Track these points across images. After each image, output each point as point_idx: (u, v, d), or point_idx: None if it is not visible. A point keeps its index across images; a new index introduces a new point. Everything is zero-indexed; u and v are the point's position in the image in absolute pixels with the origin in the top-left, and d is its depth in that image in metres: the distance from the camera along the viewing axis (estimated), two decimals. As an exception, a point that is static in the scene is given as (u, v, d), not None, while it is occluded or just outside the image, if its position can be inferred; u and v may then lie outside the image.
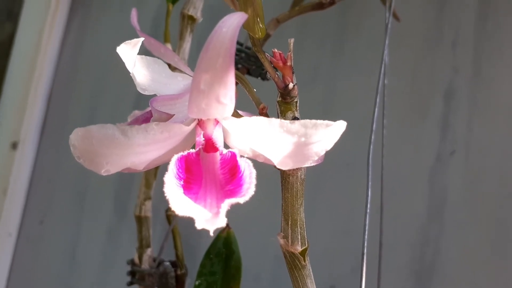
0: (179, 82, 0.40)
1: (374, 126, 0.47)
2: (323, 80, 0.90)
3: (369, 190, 0.45)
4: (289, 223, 0.37)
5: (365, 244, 0.43)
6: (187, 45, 0.52)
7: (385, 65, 0.53)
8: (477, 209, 0.77)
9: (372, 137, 0.47)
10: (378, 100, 0.48)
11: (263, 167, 0.35)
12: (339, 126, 0.31)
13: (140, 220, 0.54)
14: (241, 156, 0.31)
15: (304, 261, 0.37)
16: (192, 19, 0.53)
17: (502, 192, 0.76)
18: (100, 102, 1.10)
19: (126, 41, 0.37)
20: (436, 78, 0.83)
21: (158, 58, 0.41)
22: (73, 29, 1.16)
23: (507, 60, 0.79)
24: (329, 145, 0.32)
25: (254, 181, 0.30)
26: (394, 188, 0.77)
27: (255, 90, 0.41)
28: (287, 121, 0.31)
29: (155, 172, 0.55)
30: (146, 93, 0.38)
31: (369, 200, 0.44)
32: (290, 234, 0.37)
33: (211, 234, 0.28)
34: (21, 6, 1.18)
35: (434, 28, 0.84)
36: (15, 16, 1.20)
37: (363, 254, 0.43)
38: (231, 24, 0.28)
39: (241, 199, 0.29)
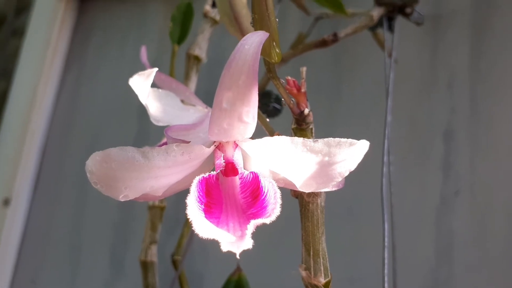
0: (191, 115, 0.40)
1: (385, 158, 0.47)
2: (320, 125, 0.90)
3: (386, 223, 0.44)
4: (311, 253, 0.36)
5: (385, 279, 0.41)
6: (192, 84, 0.52)
7: (389, 99, 0.53)
8: (486, 249, 0.76)
9: (384, 169, 0.46)
10: (386, 132, 0.47)
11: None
12: (363, 145, 0.31)
13: (146, 266, 0.52)
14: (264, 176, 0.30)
15: (328, 293, 0.36)
16: (197, 59, 0.53)
17: (510, 231, 0.75)
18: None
19: (139, 72, 0.36)
20: (435, 119, 0.83)
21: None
22: (68, 83, 1.16)
23: (502, 97, 0.80)
24: (353, 165, 0.31)
25: (279, 201, 0.28)
26: (401, 231, 0.75)
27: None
28: (310, 140, 0.30)
29: (161, 214, 0.53)
30: (160, 124, 0.37)
31: (386, 234, 0.43)
32: (312, 265, 0.36)
33: (237, 257, 0.27)
34: (16, 64, 1.18)
35: (428, 70, 0.86)
36: (9, 74, 1.21)
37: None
38: (253, 41, 0.28)
39: (267, 219, 0.28)
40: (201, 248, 0.84)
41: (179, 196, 0.77)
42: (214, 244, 0.83)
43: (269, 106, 0.53)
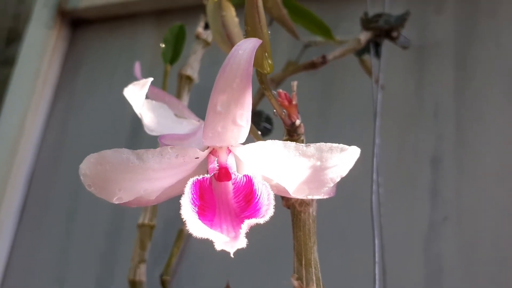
0: (184, 127, 0.40)
1: (374, 176, 0.47)
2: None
3: (376, 239, 0.44)
4: (303, 263, 0.36)
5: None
6: (184, 104, 0.53)
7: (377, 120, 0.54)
8: (475, 275, 0.76)
9: (374, 186, 0.47)
10: (375, 150, 0.48)
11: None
12: (354, 152, 0.31)
13: (134, 285, 0.51)
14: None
15: (320, 303, 0.36)
16: (189, 79, 0.54)
17: (498, 256, 0.75)
18: (81, 187, 1.07)
19: (134, 82, 0.37)
20: (421, 147, 0.85)
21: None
22: (57, 113, 1.16)
23: (488, 125, 0.81)
24: (344, 171, 0.32)
25: (273, 202, 0.29)
26: (390, 257, 0.75)
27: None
28: (303, 145, 0.31)
29: (150, 233, 0.53)
30: (154, 133, 0.38)
31: (377, 250, 0.43)
32: (304, 275, 0.36)
33: (231, 256, 0.27)
34: (5, 93, 1.18)
35: (414, 99, 0.87)
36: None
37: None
38: (247, 47, 0.29)
39: (261, 220, 0.28)
40: (190, 268, 0.83)
41: (168, 220, 0.76)
42: (203, 263, 0.82)
43: (259, 125, 0.54)
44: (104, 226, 1.01)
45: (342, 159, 0.31)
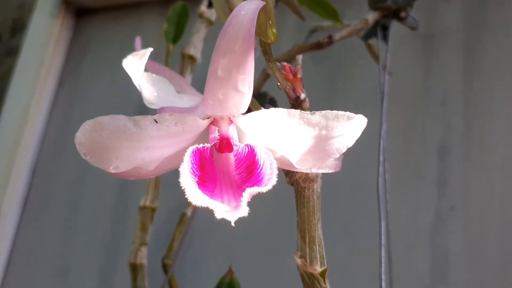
0: (185, 101, 0.39)
1: (380, 157, 0.46)
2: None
3: (382, 221, 0.43)
4: (307, 240, 0.35)
5: None
6: (186, 84, 0.52)
7: (384, 111, 0.53)
8: (481, 266, 0.74)
9: (380, 168, 0.45)
10: (382, 132, 0.47)
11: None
12: (361, 120, 0.30)
13: (135, 268, 0.50)
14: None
15: (325, 282, 0.34)
16: (192, 58, 0.53)
17: (504, 246, 0.74)
18: (85, 177, 1.07)
19: (133, 53, 0.36)
20: (429, 136, 0.83)
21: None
22: (61, 102, 1.16)
23: (496, 114, 0.80)
24: (350, 141, 0.30)
25: (275, 171, 0.27)
26: (395, 249, 0.74)
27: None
28: (308, 112, 0.29)
29: (152, 216, 0.52)
30: (153, 107, 0.37)
31: (382, 232, 0.42)
32: (308, 253, 0.34)
33: (232, 224, 0.26)
34: (9, 83, 1.18)
35: (422, 87, 0.86)
36: (1, 93, 1.20)
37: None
38: (250, 7, 0.28)
39: (263, 188, 0.27)
40: (193, 253, 0.82)
41: (171, 210, 0.75)
42: (206, 248, 0.81)
43: (264, 107, 0.53)
44: (107, 216, 1.01)
45: (349, 128, 0.30)
